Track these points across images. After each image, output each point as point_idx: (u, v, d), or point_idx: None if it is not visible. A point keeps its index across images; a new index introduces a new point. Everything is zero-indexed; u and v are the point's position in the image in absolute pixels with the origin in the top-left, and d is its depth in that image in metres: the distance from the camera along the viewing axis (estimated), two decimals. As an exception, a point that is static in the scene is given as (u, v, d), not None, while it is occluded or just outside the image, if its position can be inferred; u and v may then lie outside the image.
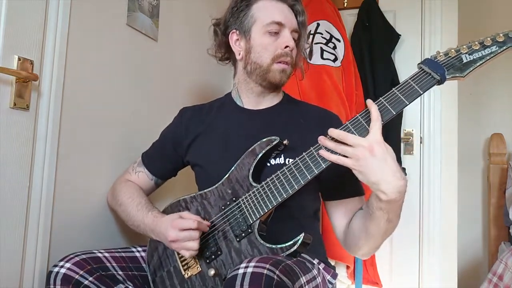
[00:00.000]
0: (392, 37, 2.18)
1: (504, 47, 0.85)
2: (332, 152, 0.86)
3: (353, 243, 1.00)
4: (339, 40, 2.04)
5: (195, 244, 0.94)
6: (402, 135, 2.15)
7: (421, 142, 2.17)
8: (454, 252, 2.07)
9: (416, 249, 2.13)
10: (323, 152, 0.87)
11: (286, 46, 1.07)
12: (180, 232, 0.94)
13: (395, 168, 0.81)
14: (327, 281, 1.07)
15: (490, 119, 2.46)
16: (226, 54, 1.19)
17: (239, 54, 1.13)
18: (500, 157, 2.33)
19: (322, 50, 1.98)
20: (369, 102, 0.87)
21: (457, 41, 2.08)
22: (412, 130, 2.18)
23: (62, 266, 0.94)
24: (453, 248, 2.07)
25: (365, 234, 0.94)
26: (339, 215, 1.06)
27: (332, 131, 0.86)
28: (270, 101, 1.16)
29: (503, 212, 2.22)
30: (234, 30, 1.13)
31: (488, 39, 0.86)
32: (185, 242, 0.94)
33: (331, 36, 2.03)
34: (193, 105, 1.25)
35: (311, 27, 2.02)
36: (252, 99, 1.15)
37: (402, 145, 2.15)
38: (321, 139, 0.87)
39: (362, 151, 0.81)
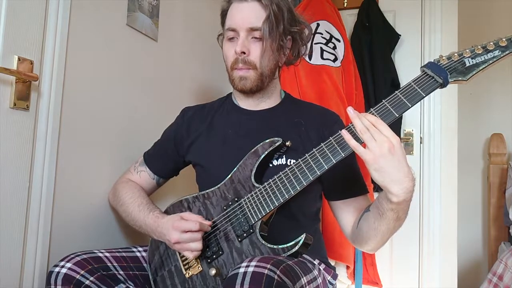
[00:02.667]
0: (392, 37, 2.19)
1: (507, 52, 0.85)
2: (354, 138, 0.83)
3: (363, 241, 0.99)
4: (339, 40, 2.04)
5: (198, 245, 0.94)
6: (402, 135, 2.16)
7: (421, 142, 2.17)
8: (454, 252, 2.07)
9: (416, 249, 2.13)
10: (345, 134, 0.84)
11: (236, 52, 1.04)
12: (182, 234, 0.94)
13: (407, 169, 0.80)
14: (327, 281, 1.07)
15: (490, 119, 2.46)
16: None
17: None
18: (500, 157, 2.34)
19: (322, 50, 1.98)
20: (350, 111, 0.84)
21: (457, 41, 2.08)
22: (412, 130, 2.18)
23: (63, 266, 0.94)
24: (453, 248, 2.07)
25: (374, 233, 0.93)
26: (346, 214, 1.06)
27: (367, 116, 0.82)
28: (270, 101, 1.15)
29: (503, 212, 2.23)
30: (222, 37, 1.15)
31: (491, 43, 0.86)
32: (187, 244, 0.94)
33: (331, 36, 2.03)
34: (195, 105, 1.25)
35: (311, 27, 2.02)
36: (245, 101, 1.15)
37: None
38: (352, 114, 0.82)
39: (383, 150, 0.78)
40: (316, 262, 1.06)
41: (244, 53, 1.04)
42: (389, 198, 0.82)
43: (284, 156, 1.03)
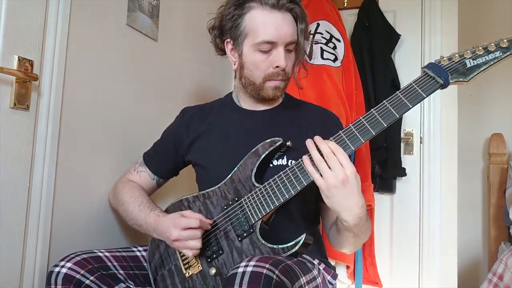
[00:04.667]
0: (392, 37, 2.18)
1: (508, 53, 0.85)
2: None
3: (335, 246, 1.06)
4: (339, 40, 2.04)
5: (197, 243, 0.94)
6: (402, 135, 2.15)
7: (421, 142, 2.17)
8: (454, 252, 2.07)
9: (416, 249, 2.13)
10: (305, 159, 0.88)
11: (277, 66, 1.04)
12: (182, 231, 0.94)
13: (358, 199, 0.85)
14: (327, 281, 1.07)
15: (490, 119, 2.46)
16: (225, 54, 1.18)
17: (234, 64, 1.11)
18: (500, 157, 2.33)
19: (322, 50, 1.98)
20: (315, 140, 0.88)
21: (457, 42, 2.08)
22: (412, 130, 2.18)
23: (63, 266, 0.94)
24: (453, 248, 2.07)
25: (339, 244, 1.01)
26: (326, 217, 1.10)
27: (323, 144, 0.86)
28: (271, 102, 1.16)
29: (503, 212, 2.22)
30: (229, 40, 1.10)
31: (492, 44, 0.86)
32: (187, 241, 0.94)
33: (331, 36, 2.03)
34: (195, 105, 1.25)
35: (311, 27, 2.01)
36: (251, 104, 1.16)
37: (402, 145, 2.15)
38: (310, 146, 0.87)
39: (336, 181, 0.83)
40: (315, 262, 1.06)
41: (284, 68, 1.05)
42: (341, 221, 0.88)
43: (284, 157, 1.04)
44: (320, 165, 0.85)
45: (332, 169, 0.83)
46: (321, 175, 0.84)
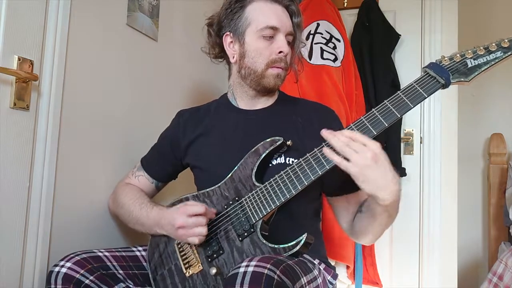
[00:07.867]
0: (392, 37, 2.18)
1: (509, 53, 0.86)
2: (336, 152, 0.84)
3: (360, 236, 1.04)
4: (339, 40, 2.04)
5: (203, 230, 0.94)
6: (402, 135, 2.15)
7: (421, 142, 2.17)
8: (454, 252, 2.07)
9: (416, 249, 2.13)
10: (327, 151, 0.85)
11: (280, 52, 1.06)
12: (188, 218, 0.94)
13: (392, 175, 0.83)
14: (327, 281, 1.07)
15: (490, 119, 2.46)
16: (220, 53, 1.18)
17: (233, 57, 1.12)
18: (500, 157, 2.33)
19: (322, 50, 1.98)
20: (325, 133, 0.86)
21: (457, 41, 2.08)
22: (412, 130, 2.18)
23: (62, 266, 0.94)
24: (453, 248, 2.07)
25: (371, 229, 0.99)
26: (344, 209, 1.08)
27: (343, 132, 0.84)
28: (266, 101, 1.15)
29: (503, 212, 2.22)
30: (228, 33, 1.11)
31: (493, 44, 0.86)
32: (193, 229, 0.94)
33: (331, 36, 2.03)
34: (190, 107, 1.25)
35: (311, 27, 2.02)
36: (247, 101, 1.15)
37: (402, 145, 2.15)
38: (328, 135, 0.85)
39: (366, 161, 0.80)
40: (316, 262, 1.06)
41: (286, 55, 1.08)
42: (378, 202, 0.86)
43: (283, 155, 1.03)
44: (344, 150, 0.82)
45: (357, 151, 0.81)
46: (348, 161, 0.82)
